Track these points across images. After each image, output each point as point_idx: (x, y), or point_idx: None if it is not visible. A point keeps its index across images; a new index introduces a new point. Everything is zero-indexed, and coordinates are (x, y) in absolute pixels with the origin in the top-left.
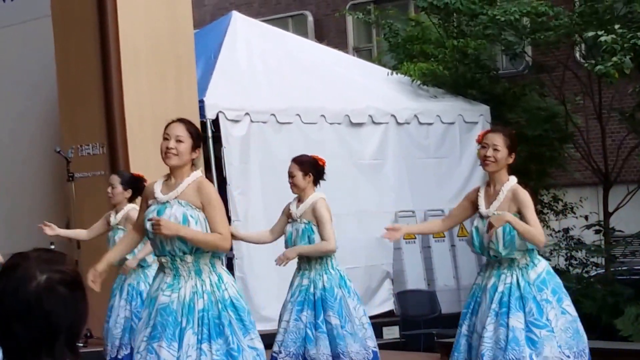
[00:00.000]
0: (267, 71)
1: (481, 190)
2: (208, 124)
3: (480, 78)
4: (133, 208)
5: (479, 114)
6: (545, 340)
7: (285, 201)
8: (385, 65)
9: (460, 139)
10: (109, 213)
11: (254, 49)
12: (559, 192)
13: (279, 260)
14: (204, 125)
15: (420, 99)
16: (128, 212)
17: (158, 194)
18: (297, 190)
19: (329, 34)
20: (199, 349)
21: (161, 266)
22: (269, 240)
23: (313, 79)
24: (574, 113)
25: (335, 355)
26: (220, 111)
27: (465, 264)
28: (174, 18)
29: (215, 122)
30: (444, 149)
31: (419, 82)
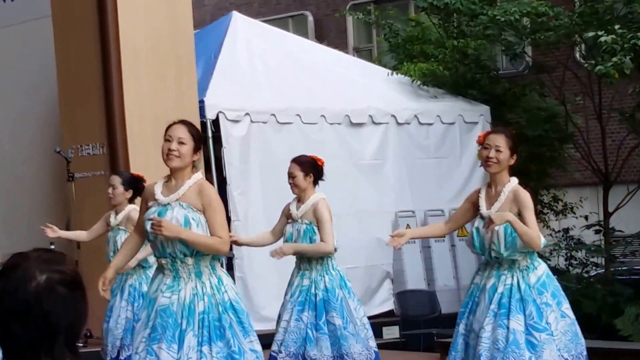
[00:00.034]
0: (267, 71)
1: (482, 191)
2: (208, 124)
3: (480, 78)
4: (134, 209)
5: (479, 114)
6: (545, 344)
7: (285, 201)
8: (385, 66)
9: (460, 139)
10: (108, 213)
11: (254, 49)
12: (559, 192)
13: (274, 253)
14: (204, 125)
15: (420, 99)
16: (129, 213)
17: (159, 195)
18: (298, 190)
19: (329, 34)
20: (199, 352)
21: (160, 267)
22: (271, 241)
23: (313, 79)
24: (574, 113)
25: (339, 356)
26: (220, 111)
27: (465, 264)
28: (174, 18)
29: (216, 122)
30: (444, 149)
31: (419, 83)
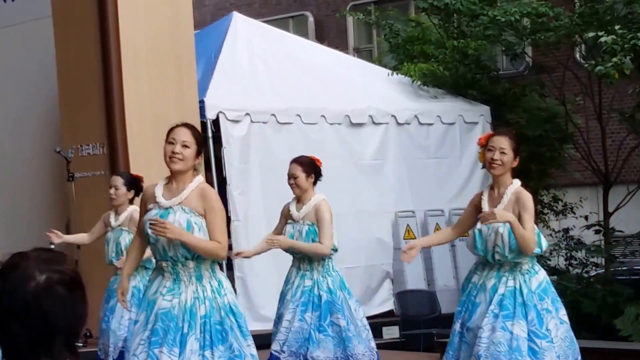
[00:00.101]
0: (268, 71)
1: (485, 193)
2: (208, 124)
3: (480, 78)
4: (136, 209)
5: (479, 115)
6: (546, 351)
7: (285, 201)
8: (385, 66)
9: (460, 139)
10: (107, 214)
11: (254, 50)
12: (559, 192)
13: (269, 241)
14: (204, 125)
15: (420, 99)
16: (132, 214)
17: (160, 198)
18: (300, 191)
19: (329, 34)
20: (201, 356)
21: (159, 269)
22: None
23: (313, 80)
24: (574, 113)
25: (344, 358)
26: (220, 111)
27: (465, 264)
28: (175, 18)
29: (216, 123)
30: (444, 150)
31: (419, 83)
